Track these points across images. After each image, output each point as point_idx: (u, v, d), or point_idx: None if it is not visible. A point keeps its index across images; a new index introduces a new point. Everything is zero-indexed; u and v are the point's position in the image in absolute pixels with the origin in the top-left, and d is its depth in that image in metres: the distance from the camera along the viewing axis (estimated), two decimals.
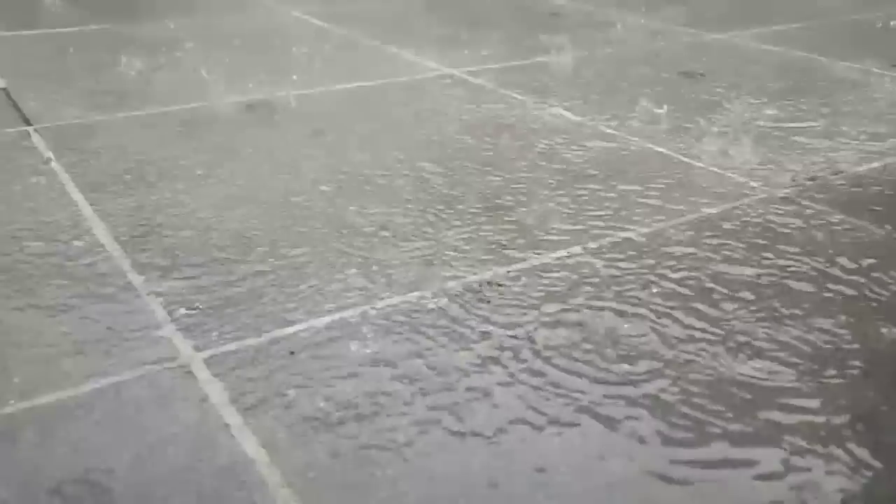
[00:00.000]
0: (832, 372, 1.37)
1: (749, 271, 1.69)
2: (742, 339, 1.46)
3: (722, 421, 1.25)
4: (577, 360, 1.39)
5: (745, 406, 1.29)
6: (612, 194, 2.05)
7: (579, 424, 1.24)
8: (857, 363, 1.40)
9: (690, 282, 1.64)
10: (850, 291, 1.62)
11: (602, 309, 1.54)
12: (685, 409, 1.28)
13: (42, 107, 2.68)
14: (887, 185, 2.14)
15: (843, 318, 1.53)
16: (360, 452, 1.18)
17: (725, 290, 1.61)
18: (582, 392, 1.31)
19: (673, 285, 1.63)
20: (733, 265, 1.71)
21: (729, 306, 1.56)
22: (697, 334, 1.47)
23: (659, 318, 1.52)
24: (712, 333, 1.48)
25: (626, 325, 1.49)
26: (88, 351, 1.41)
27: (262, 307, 1.54)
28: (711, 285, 1.63)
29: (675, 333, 1.47)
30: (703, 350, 1.43)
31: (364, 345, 1.43)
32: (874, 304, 1.58)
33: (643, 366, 1.38)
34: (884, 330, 1.49)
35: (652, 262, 1.72)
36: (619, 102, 2.79)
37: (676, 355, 1.41)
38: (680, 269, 1.69)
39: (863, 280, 1.66)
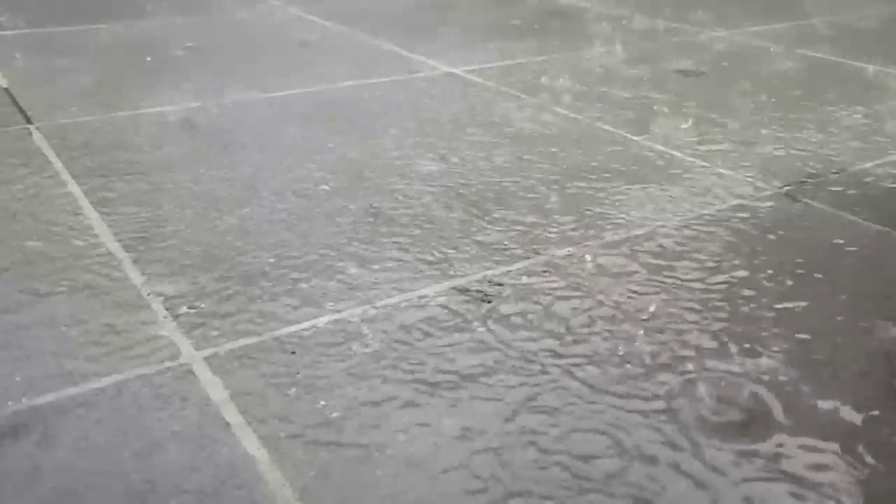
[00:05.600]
0: (830, 371, 1.37)
1: (747, 268, 1.69)
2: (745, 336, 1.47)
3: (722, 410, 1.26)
4: None
5: (746, 397, 1.29)
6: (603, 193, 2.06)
7: None
8: (855, 362, 1.40)
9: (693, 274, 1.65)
10: (848, 290, 1.62)
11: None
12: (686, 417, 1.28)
13: (43, 105, 2.68)
14: (887, 183, 2.14)
15: (842, 315, 1.53)
16: (361, 451, 1.18)
17: (726, 287, 1.62)
18: None
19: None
20: (733, 262, 1.72)
21: (730, 301, 1.56)
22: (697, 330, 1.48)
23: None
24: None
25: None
26: (89, 350, 1.41)
27: (263, 306, 1.55)
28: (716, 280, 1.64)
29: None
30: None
31: (365, 344, 1.43)
32: (873, 302, 1.58)
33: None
34: (884, 327, 1.49)
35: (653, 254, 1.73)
36: None
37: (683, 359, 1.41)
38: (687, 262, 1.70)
39: (862, 278, 1.67)
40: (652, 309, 1.55)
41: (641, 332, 1.48)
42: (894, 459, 1.18)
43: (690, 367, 1.38)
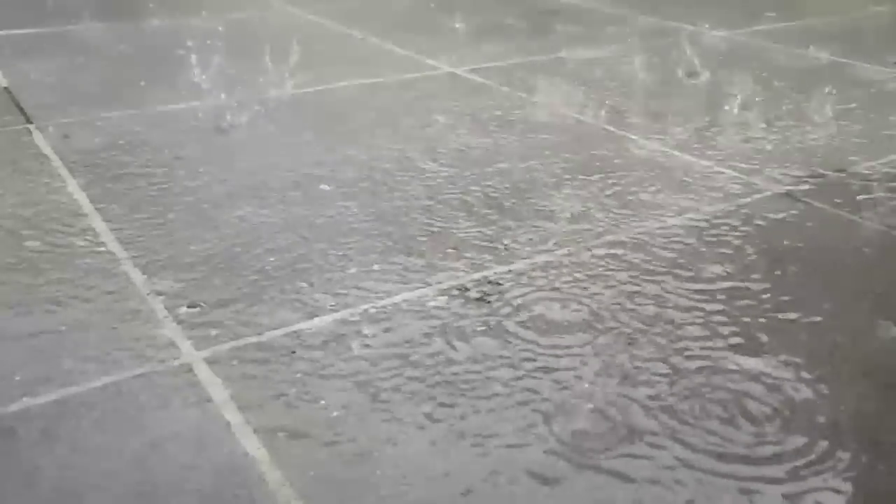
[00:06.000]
0: (830, 371, 1.37)
1: (748, 268, 1.69)
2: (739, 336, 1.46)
3: (720, 408, 1.26)
4: None
5: (745, 397, 1.29)
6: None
7: None
8: (856, 362, 1.40)
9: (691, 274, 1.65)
10: (848, 290, 1.62)
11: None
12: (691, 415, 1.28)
13: (44, 104, 2.68)
14: (887, 183, 2.14)
15: (842, 315, 1.53)
16: (360, 451, 1.18)
17: (727, 288, 1.62)
18: None
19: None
20: (733, 262, 1.71)
21: (731, 302, 1.56)
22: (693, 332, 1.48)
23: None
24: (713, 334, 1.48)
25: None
26: (89, 349, 1.41)
27: (263, 305, 1.55)
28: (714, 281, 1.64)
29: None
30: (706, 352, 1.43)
31: (365, 344, 1.43)
32: (873, 302, 1.58)
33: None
34: (883, 327, 1.49)
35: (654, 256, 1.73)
36: None
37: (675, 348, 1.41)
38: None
39: (861, 278, 1.67)
40: (652, 307, 1.55)
41: (642, 330, 1.47)
42: (894, 459, 1.18)
43: (688, 366, 1.38)
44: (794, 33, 3.82)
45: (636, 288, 1.62)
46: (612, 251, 1.76)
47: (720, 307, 1.56)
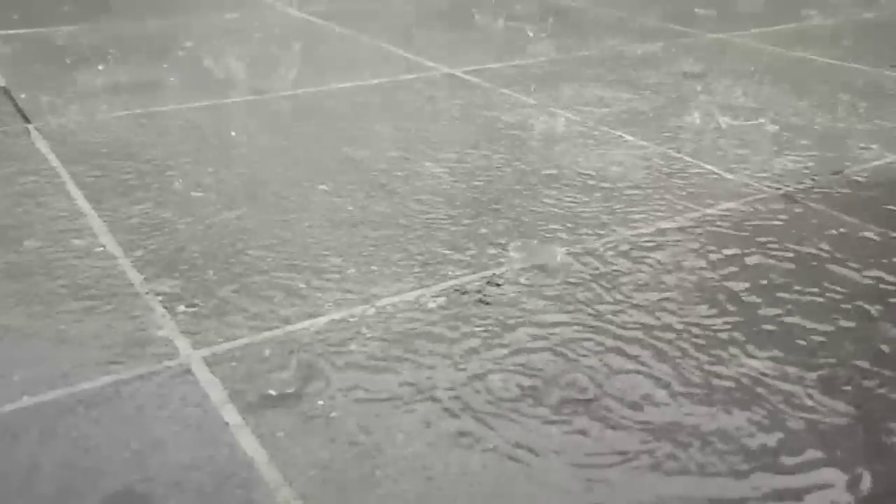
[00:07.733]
0: (829, 372, 1.38)
1: (746, 269, 1.69)
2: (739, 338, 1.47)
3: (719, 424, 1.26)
4: None
5: (743, 397, 1.29)
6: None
7: None
8: (855, 363, 1.40)
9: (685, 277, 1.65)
10: (847, 290, 1.62)
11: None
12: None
13: (42, 105, 2.68)
14: (885, 184, 2.14)
15: (841, 316, 1.53)
16: (360, 451, 1.18)
17: (723, 291, 1.62)
18: None
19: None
20: (732, 264, 1.72)
21: (724, 307, 1.56)
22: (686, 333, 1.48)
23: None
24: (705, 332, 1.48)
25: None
26: (88, 349, 1.41)
27: (261, 306, 1.55)
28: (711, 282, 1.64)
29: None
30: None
31: (363, 344, 1.43)
32: (873, 303, 1.58)
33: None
34: (881, 330, 1.50)
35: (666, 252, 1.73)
36: None
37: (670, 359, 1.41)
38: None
39: (862, 280, 1.67)
40: (650, 308, 1.55)
41: (640, 331, 1.48)
42: (892, 460, 1.18)
43: (685, 368, 1.38)
44: (795, 35, 3.83)
45: (635, 288, 1.62)
46: (612, 251, 1.76)
47: (715, 307, 1.56)
